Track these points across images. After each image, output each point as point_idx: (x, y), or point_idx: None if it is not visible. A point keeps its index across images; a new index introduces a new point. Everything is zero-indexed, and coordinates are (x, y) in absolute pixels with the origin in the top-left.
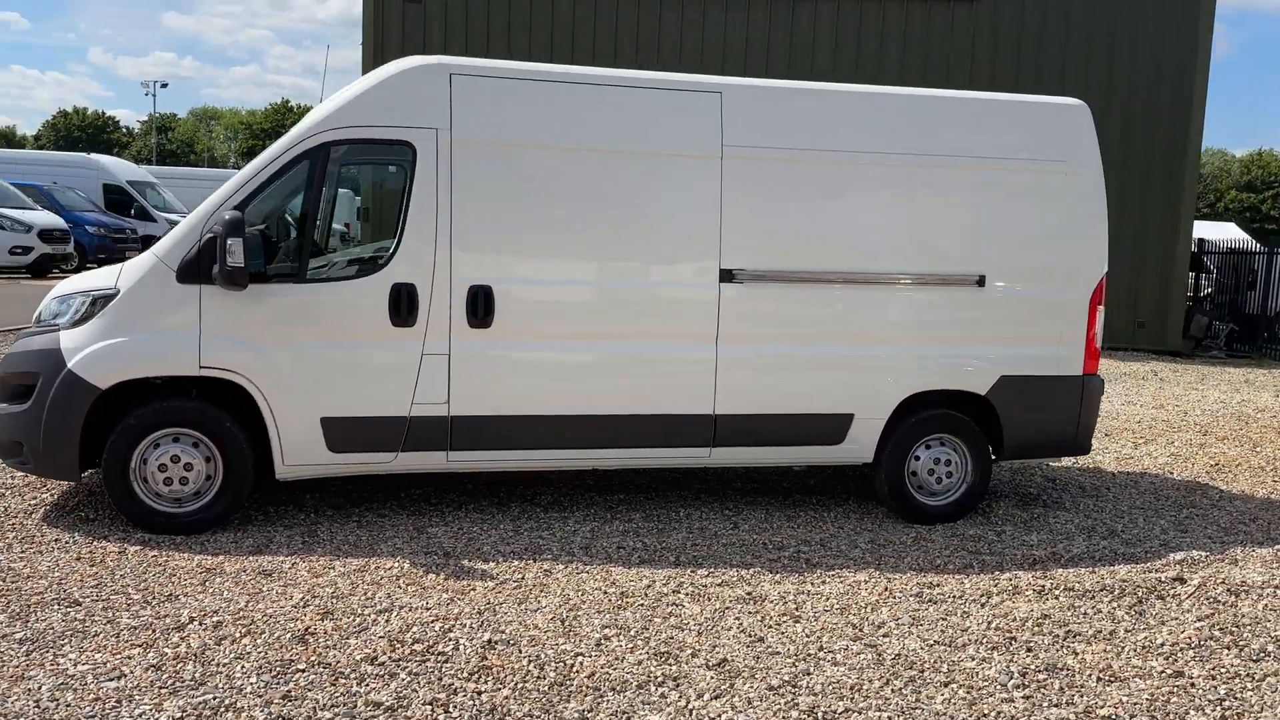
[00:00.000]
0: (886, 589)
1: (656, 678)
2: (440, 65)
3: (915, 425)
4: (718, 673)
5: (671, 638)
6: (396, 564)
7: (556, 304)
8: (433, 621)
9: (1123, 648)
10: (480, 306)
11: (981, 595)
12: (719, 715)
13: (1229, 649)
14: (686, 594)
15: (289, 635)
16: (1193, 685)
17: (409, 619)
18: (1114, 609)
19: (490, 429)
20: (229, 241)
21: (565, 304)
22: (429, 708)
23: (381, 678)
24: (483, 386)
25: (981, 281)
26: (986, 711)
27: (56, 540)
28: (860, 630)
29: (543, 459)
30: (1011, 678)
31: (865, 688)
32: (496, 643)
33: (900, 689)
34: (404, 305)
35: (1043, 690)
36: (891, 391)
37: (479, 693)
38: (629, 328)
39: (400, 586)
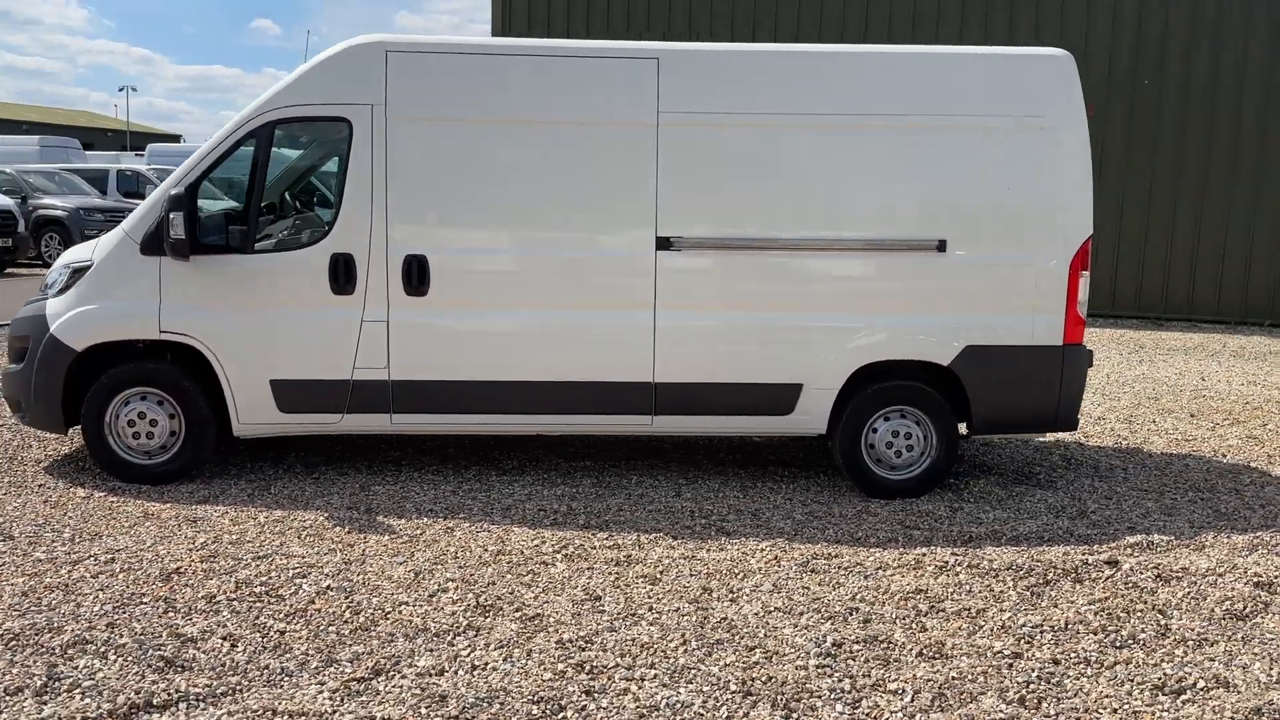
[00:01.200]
0: (777, 558)
1: (460, 627)
2: (376, 44)
3: (872, 396)
4: (523, 626)
5: (510, 594)
6: (314, 516)
7: (491, 273)
8: (295, 568)
9: (980, 626)
10: (415, 276)
11: (876, 568)
12: (485, 664)
13: (1096, 634)
14: (564, 555)
15: (159, 573)
16: (1012, 666)
17: (276, 565)
18: (1008, 588)
19: (429, 393)
20: (171, 216)
21: (500, 273)
22: (221, 640)
23: (205, 613)
24: (420, 352)
25: (942, 247)
26: (758, 675)
27: (41, 485)
28: (708, 594)
29: (483, 423)
30: (820, 646)
31: (657, 647)
32: (333, 589)
33: (692, 650)
34: (342, 274)
35: (846, 661)
36: (843, 361)
37: (280, 631)
38: (565, 296)
39: (299, 537)
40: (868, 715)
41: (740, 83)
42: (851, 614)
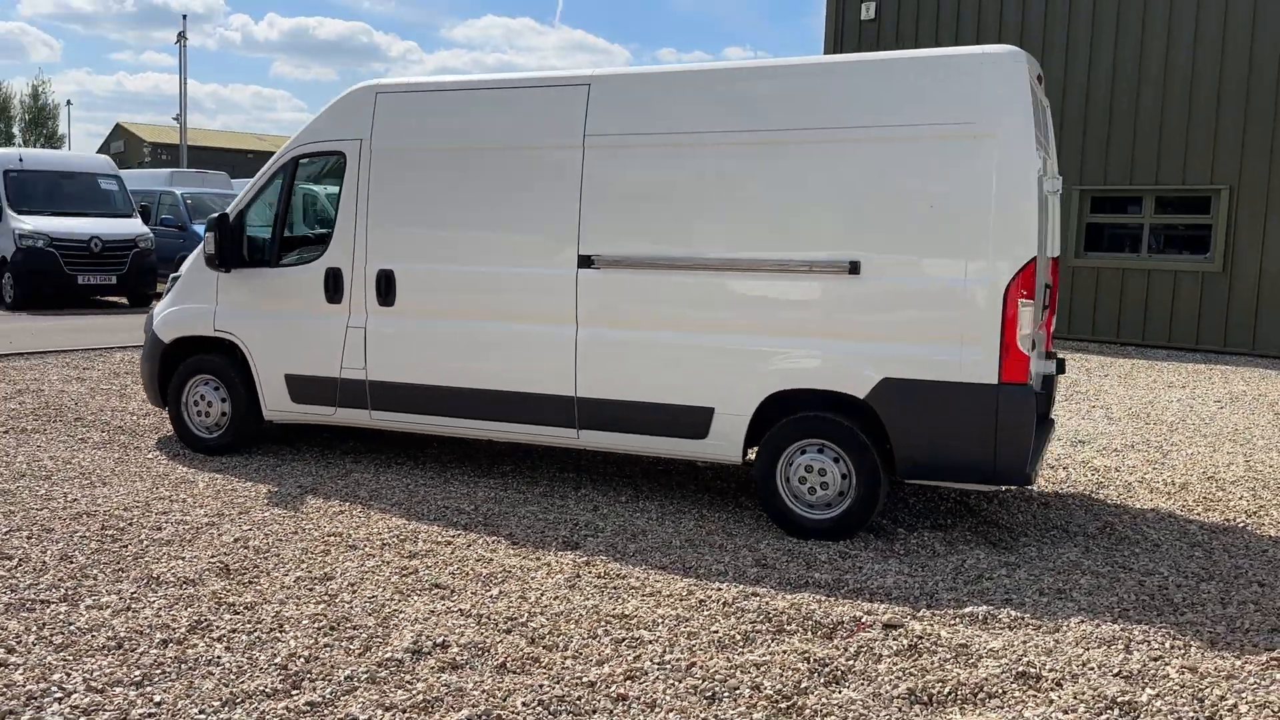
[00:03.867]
0: (562, 569)
1: (178, 582)
2: (370, 87)
3: (788, 427)
4: (224, 586)
5: (264, 565)
6: (263, 489)
7: (442, 286)
8: (164, 523)
9: (613, 657)
10: (384, 288)
11: (644, 594)
12: (139, 610)
13: (697, 681)
14: (380, 544)
15: (78, 513)
16: (531, 688)
17: (160, 518)
18: (717, 632)
19: (397, 393)
20: (207, 235)
21: (448, 286)
22: (14, 562)
23: (52, 542)
24: (390, 356)
25: (855, 268)
26: (289, 654)
27: (137, 446)
28: (438, 590)
29: (440, 425)
30: (416, 644)
31: (280, 618)
32: (149, 540)
33: (281, 630)
34: (333, 286)
35: (416, 663)
36: (754, 388)
37: (70, 561)
38: (503, 309)
39: (221, 502)
40: (331, 708)
41: (655, 104)
42: (509, 624)
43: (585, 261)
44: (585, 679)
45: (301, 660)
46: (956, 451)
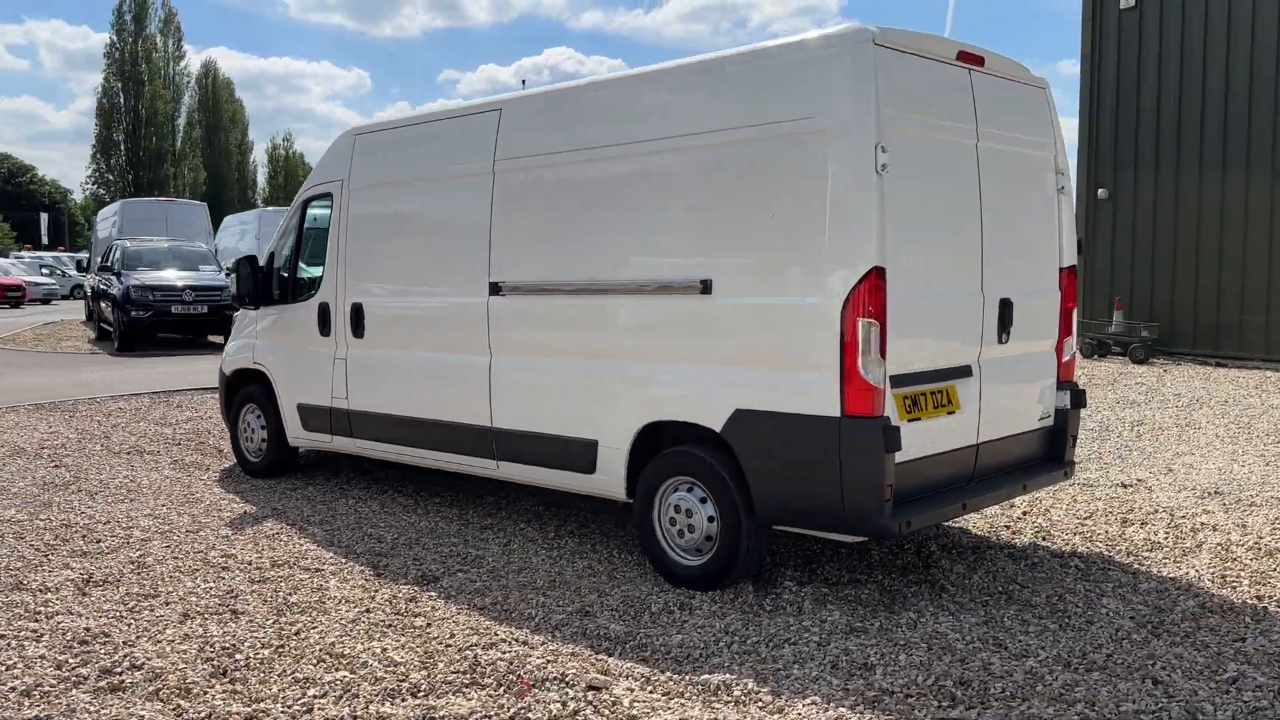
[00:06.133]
0: (375, 595)
1: (26, 588)
2: (354, 130)
3: (660, 462)
4: (76, 585)
5: (125, 575)
6: (242, 509)
7: (397, 318)
8: (106, 535)
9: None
10: (355, 321)
11: (404, 629)
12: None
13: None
14: (247, 568)
15: (62, 524)
16: (70, 715)
17: (111, 533)
18: (389, 677)
19: (369, 422)
20: (232, 277)
21: (401, 317)
22: None
23: (41, 545)
24: (362, 386)
25: (707, 287)
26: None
27: (208, 468)
28: (200, 606)
29: (403, 454)
30: (108, 675)
31: (52, 618)
32: (80, 552)
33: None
34: (323, 320)
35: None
36: (628, 419)
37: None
38: (440, 340)
39: (194, 517)
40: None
41: (549, 124)
42: (224, 654)
43: (494, 289)
44: (202, 714)
45: (2, 669)
46: (806, 495)
